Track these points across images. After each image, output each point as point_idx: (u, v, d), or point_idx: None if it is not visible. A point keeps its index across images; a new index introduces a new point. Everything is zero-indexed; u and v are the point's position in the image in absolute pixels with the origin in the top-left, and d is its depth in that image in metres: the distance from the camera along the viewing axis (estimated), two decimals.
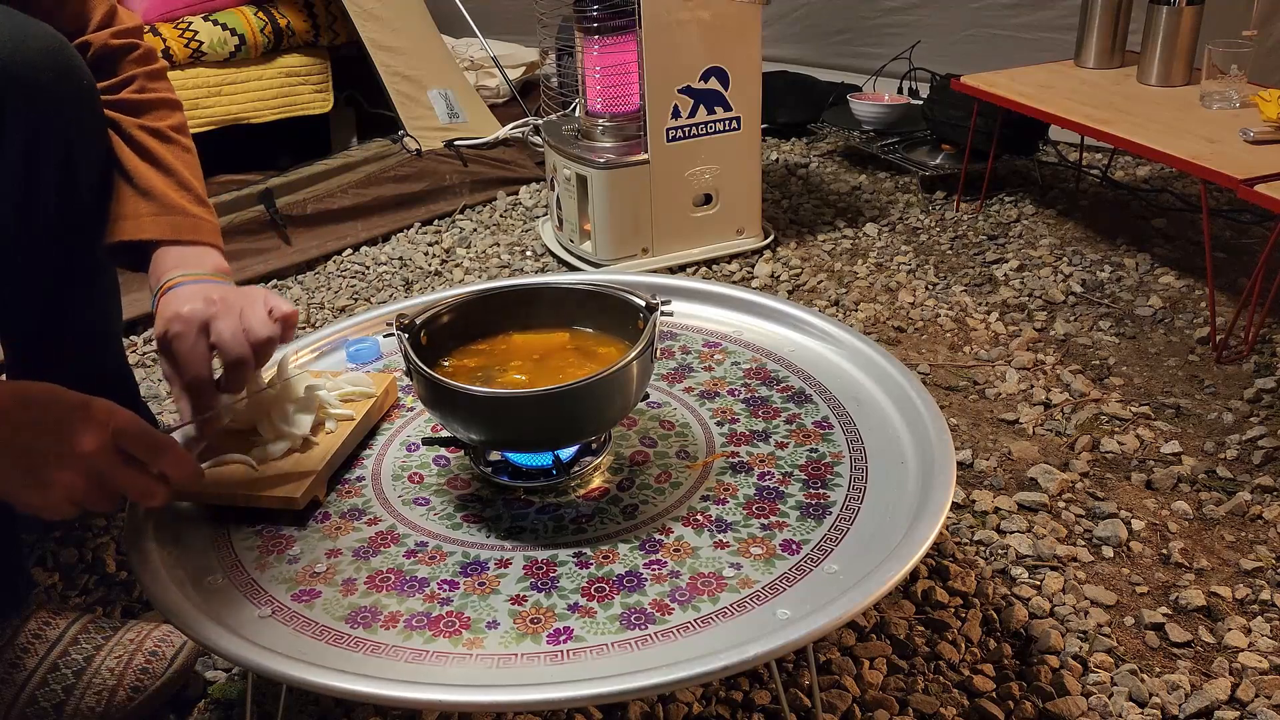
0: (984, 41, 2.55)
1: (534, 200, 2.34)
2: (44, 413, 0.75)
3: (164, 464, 0.78)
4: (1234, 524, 1.21)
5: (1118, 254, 1.92)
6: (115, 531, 1.25)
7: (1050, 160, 2.36)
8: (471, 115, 2.48)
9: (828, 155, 2.56)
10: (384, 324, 1.20)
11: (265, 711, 0.99)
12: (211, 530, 0.91)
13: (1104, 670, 1.01)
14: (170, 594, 0.80)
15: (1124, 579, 1.14)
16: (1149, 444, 1.36)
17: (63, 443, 0.74)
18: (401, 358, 0.91)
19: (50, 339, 1.14)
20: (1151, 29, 1.88)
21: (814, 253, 2.00)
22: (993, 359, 1.59)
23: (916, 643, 1.04)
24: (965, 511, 1.25)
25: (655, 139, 1.88)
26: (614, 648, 0.76)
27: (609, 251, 1.94)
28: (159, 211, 0.98)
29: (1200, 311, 1.69)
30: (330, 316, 1.86)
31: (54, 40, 0.95)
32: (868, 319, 1.74)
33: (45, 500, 0.74)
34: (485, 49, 2.77)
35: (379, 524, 0.91)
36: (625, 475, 0.96)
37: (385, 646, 0.77)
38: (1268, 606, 1.08)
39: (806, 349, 1.14)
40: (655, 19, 1.79)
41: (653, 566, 0.84)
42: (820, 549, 0.84)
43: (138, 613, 1.13)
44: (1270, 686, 0.98)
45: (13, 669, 0.96)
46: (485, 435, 0.91)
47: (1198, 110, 1.76)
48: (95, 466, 0.75)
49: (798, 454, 0.97)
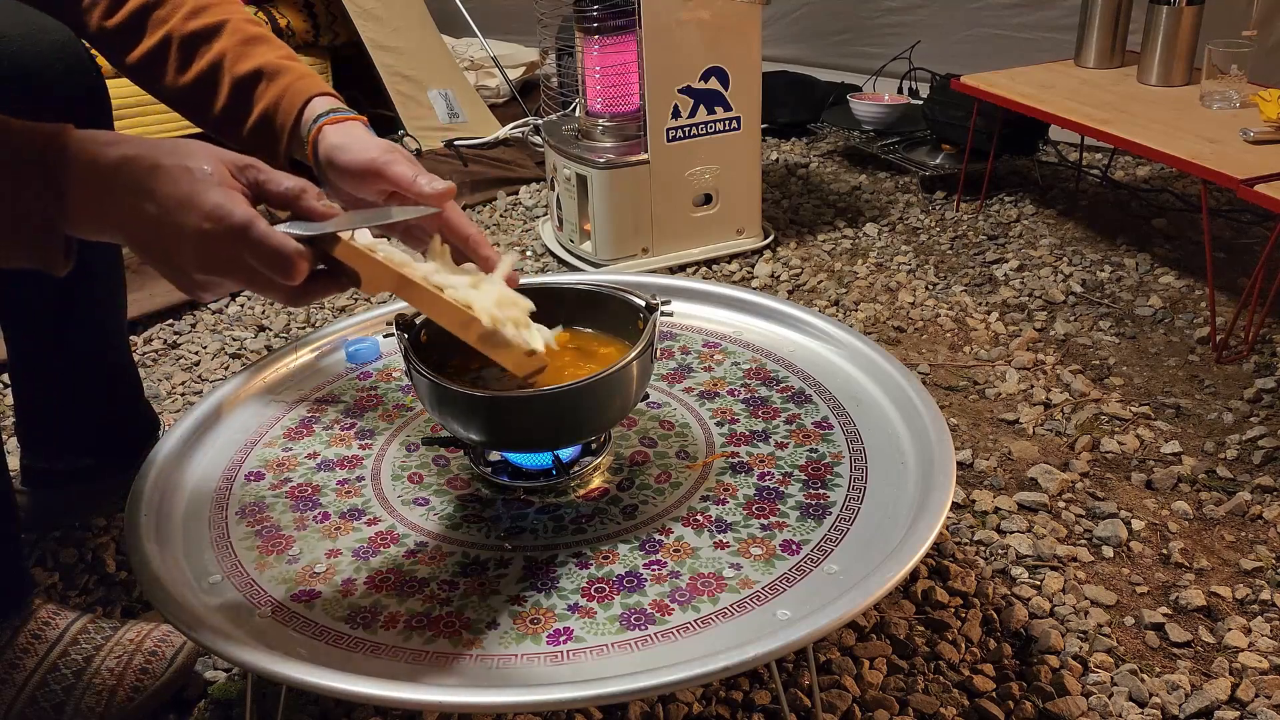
0: (984, 41, 2.55)
1: (534, 200, 2.34)
2: (180, 214, 0.70)
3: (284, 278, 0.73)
4: (1234, 524, 1.21)
5: (1118, 254, 1.92)
6: (115, 531, 1.25)
7: (1050, 160, 2.36)
8: (471, 115, 2.48)
9: (828, 155, 2.56)
10: (384, 324, 1.20)
11: (265, 711, 0.99)
12: (211, 530, 0.91)
13: (1104, 670, 1.01)
14: (170, 594, 0.79)
15: (1124, 579, 1.14)
16: (1149, 444, 1.36)
17: (195, 265, 0.71)
18: (401, 358, 0.91)
19: (55, 334, 1.14)
20: (1151, 29, 1.88)
21: (814, 253, 2.00)
22: (993, 359, 1.59)
23: (916, 643, 1.04)
24: (965, 511, 1.25)
25: (655, 139, 1.88)
26: (614, 648, 0.76)
27: (609, 251, 1.94)
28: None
29: (1200, 311, 1.69)
30: (330, 316, 1.86)
31: (64, 34, 0.96)
32: (868, 319, 1.74)
33: (192, 289, 0.73)
34: (485, 49, 2.77)
35: (379, 524, 0.91)
36: (625, 475, 0.96)
37: (385, 646, 0.77)
38: (1268, 606, 1.08)
39: (806, 349, 1.14)
40: (655, 19, 1.79)
41: (653, 567, 0.84)
42: (820, 549, 0.84)
43: (138, 613, 1.13)
44: (1270, 686, 0.98)
45: (13, 669, 0.96)
46: (485, 436, 0.91)
47: (1198, 110, 1.76)
48: (233, 284, 0.73)
49: (798, 454, 0.97)
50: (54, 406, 1.20)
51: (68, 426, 1.21)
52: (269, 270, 0.71)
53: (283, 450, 1.03)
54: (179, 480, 0.97)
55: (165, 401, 1.59)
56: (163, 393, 1.61)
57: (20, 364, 1.18)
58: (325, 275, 0.76)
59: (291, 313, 1.87)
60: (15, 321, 1.14)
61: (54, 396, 1.19)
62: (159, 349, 1.77)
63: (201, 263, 0.71)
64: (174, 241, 0.70)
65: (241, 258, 0.70)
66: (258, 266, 0.71)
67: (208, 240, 0.69)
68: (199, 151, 0.72)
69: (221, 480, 0.98)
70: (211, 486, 0.97)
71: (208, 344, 1.77)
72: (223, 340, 1.78)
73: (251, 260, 0.70)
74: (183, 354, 1.74)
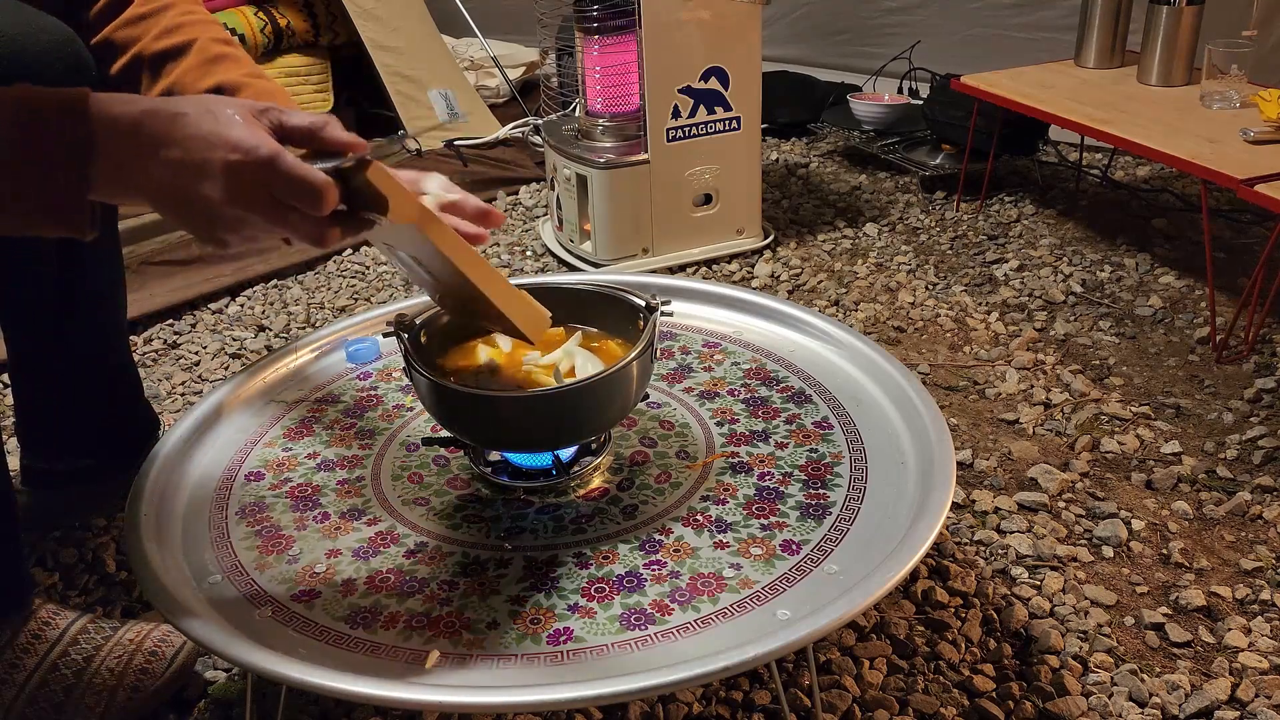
0: (984, 41, 2.55)
1: (534, 200, 2.34)
2: (206, 152, 0.70)
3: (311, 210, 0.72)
4: (1234, 524, 1.21)
5: (1118, 254, 1.92)
6: (115, 531, 1.25)
7: (1050, 160, 2.36)
8: (472, 115, 2.48)
9: (828, 155, 2.56)
10: (384, 324, 1.20)
11: (265, 711, 0.99)
12: (211, 530, 0.91)
13: (1104, 670, 1.01)
14: (170, 594, 0.79)
15: (1124, 579, 1.14)
16: (1149, 444, 1.36)
17: (222, 200, 0.70)
18: (401, 358, 0.91)
19: (55, 334, 1.14)
20: (1151, 29, 1.88)
21: (814, 253, 2.00)
22: (993, 359, 1.59)
23: (916, 643, 1.04)
24: (965, 511, 1.25)
25: (655, 139, 1.88)
26: (614, 648, 0.76)
27: (609, 251, 1.94)
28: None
29: (1200, 311, 1.69)
30: (330, 316, 1.86)
31: (63, 33, 0.96)
32: (868, 319, 1.74)
33: (217, 231, 0.72)
34: (485, 49, 2.77)
35: (379, 524, 0.91)
36: (625, 475, 0.96)
37: (385, 646, 0.77)
38: (1268, 606, 1.08)
39: (806, 349, 1.14)
40: (655, 19, 1.79)
41: (653, 567, 0.84)
42: (820, 549, 0.84)
43: (138, 613, 1.13)
44: (1270, 686, 0.98)
45: (13, 669, 0.96)
46: (485, 435, 0.91)
47: (1198, 110, 1.76)
48: (260, 222, 0.72)
49: (798, 454, 0.97)
50: (54, 407, 1.20)
51: (68, 427, 1.21)
52: (298, 200, 0.71)
53: (283, 450, 1.03)
54: (179, 480, 0.97)
55: (165, 401, 1.59)
56: (163, 393, 1.61)
57: (20, 364, 1.18)
58: (348, 216, 0.75)
59: (291, 313, 1.87)
60: (15, 321, 1.14)
61: (54, 396, 1.19)
62: (159, 349, 1.77)
63: (229, 195, 0.70)
64: (200, 180, 0.69)
65: (268, 191, 0.70)
66: (286, 198, 0.70)
67: (235, 172, 0.69)
68: (218, 100, 0.72)
69: (221, 480, 0.98)
70: (211, 486, 0.97)
71: (208, 344, 1.77)
72: (223, 340, 1.78)
73: (279, 192, 0.70)
74: (183, 354, 1.74)
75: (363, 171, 0.74)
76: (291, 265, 2.03)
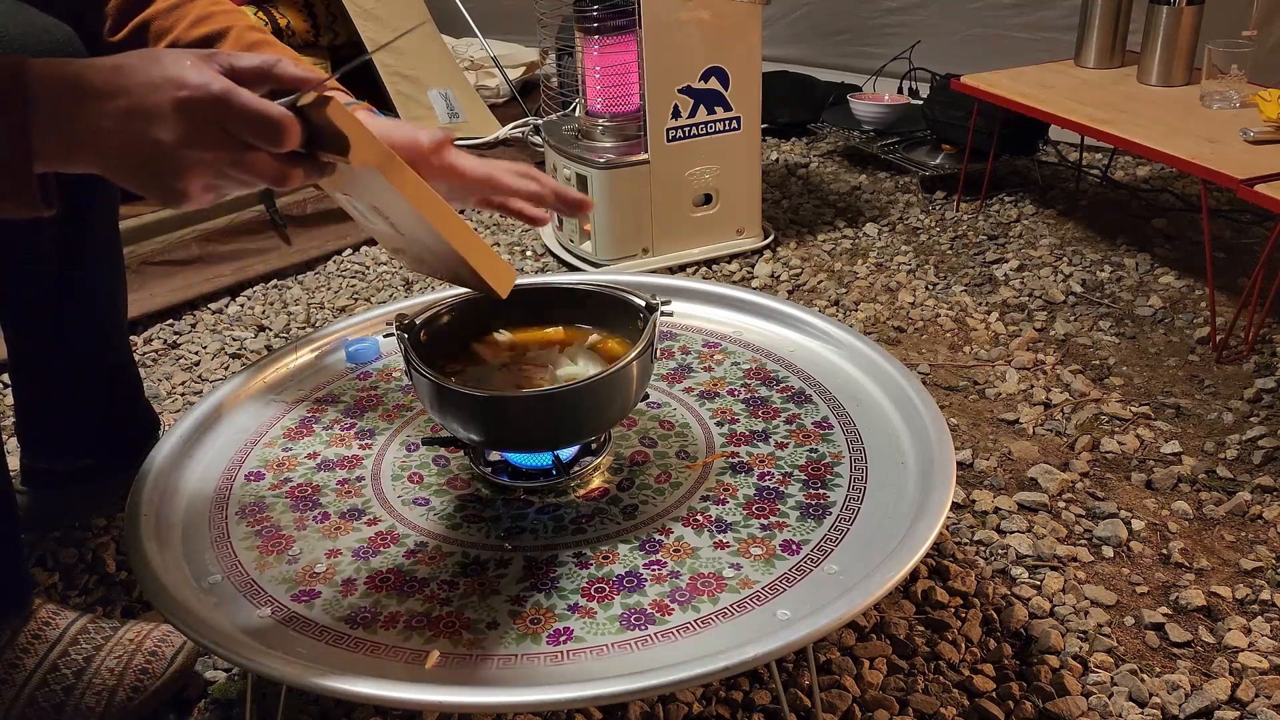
0: (984, 41, 2.55)
1: None
2: (154, 95, 0.67)
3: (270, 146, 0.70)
4: (1234, 524, 1.21)
5: (1118, 254, 1.92)
6: (115, 531, 1.25)
7: (1050, 160, 2.36)
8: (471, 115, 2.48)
9: (828, 155, 2.56)
10: (384, 324, 1.20)
11: (265, 711, 0.99)
12: (211, 530, 0.91)
13: (1104, 670, 1.01)
14: (170, 594, 0.79)
15: (1124, 579, 1.14)
16: (1149, 444, 1.36)
17: (176, 141, 0.67)
18: (401, 358, 0.91)
19: (55, 334, 1.14)
20: (1151, 29, 1.88)
21: (814, 253, 2.00)
22: (993, 359, 1.59)
23: (916, 643, 1.04)
24: (965, 511, 1.25)
25: (655, 139, 1.88)
26: (614, 648, 0.76)
27: (609, 251, 1.94)
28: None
29: (1200, 311, 1.69)
30: (330, 316, 1.86)
31: (64, 34, 0.95)
32: (868, 319, 1.74)
33: (178, 182, 0.69)
34: (485, 49, 2.77)
35: (379, 524, 0.91)
36: (625, 475, 0.96)
37: (385, 646, 0.78)
38: (1268, 606, 1.08)
39: (806, 349, 1.14)
40: (655, 19, 1.79)
41: (653, 567, 0.84)
42: (820, 549, 0.84)
43: (138, 613, 1.13)
44: (1270, 686, 0.98)
45: (13, 669, 0.96)
46: (485, 436, 0.91)
47: (1198, 110, 1.76)
48: (218, 165, 0.69)
49: (798, 454, 0.97)
50: (54, 406, 1.20)
51: (68, 427, 1.21)
52: (256, 136, 0.68)
53: (283, 450, 1.03)
54: (179, 480, 0.97)
55: (165, 401, 1.59)
56: (163, 393, 1.61)
57: (20, 364, 1.18)
58: (307, 159, 0.72)
59: (291, 313, 1.87)
60: (15, 321, 1.14)
61: (54, 396, 1.19)
62: (159, 349, 1.77)
63: (183, 136, 0.66)
64: (150, 125, 0.66)
65: (223, 128, 0.67)
66: (243, 134, 0.67)
67: (188, 110, 0.66)
68: (160, 49, 0.69)
69: (221, 480, 0.98)
70: (211, 486, 0.97)
71: (208, 344, 1.77)
72: (223, 340, 1.78)
73: (236, 128, 0.67)
74: (183, 354, 1.74)
75: (323, 108, 0.70)
76: (291, 265, 2.03)
